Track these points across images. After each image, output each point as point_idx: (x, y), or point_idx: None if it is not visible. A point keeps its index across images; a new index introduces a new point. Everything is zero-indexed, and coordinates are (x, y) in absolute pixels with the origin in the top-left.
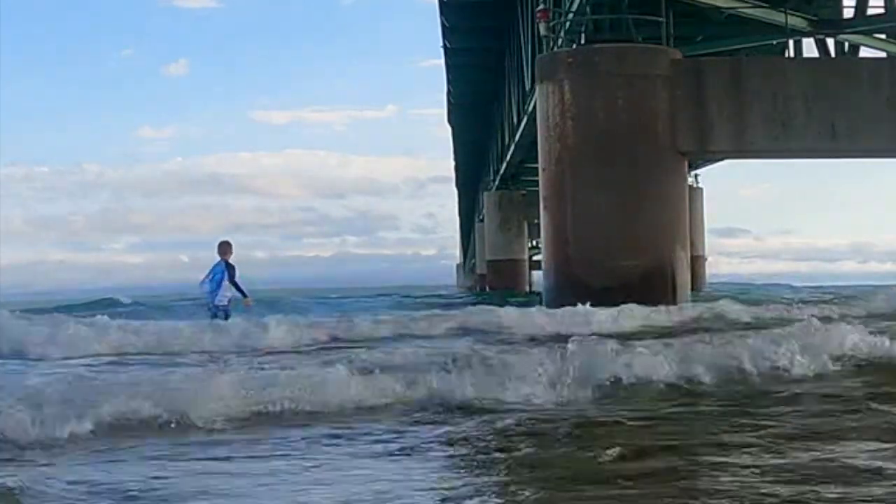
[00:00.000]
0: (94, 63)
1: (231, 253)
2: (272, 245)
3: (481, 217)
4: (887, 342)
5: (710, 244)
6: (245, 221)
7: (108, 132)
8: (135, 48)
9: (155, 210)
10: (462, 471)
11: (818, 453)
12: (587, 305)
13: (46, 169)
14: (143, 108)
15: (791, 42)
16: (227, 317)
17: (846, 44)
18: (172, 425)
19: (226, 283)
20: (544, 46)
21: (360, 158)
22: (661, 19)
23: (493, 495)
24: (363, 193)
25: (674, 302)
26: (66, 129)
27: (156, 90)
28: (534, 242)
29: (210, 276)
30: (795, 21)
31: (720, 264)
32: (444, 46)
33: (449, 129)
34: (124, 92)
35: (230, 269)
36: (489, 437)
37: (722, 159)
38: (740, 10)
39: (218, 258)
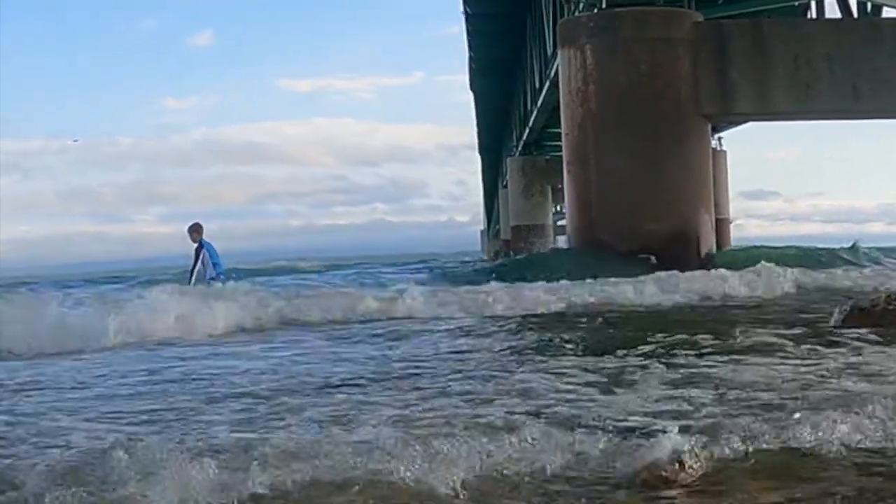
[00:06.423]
0: (119, 35)
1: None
2: (304, 214)
3: (505, 183)
4: None
5: (740, 207)
6: (276, 190)
7: (134, 104)
8: (159, 19)
9: (184, 180)
10: None
11: None
12: None
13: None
14: (166, 79)
15: (813, 2)
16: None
17: (869, 3)
18: None
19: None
20: (566, 11)
21: (387, 126)
22: None
23: None
24: (394, 161)
25: (698, 265)
26: (92, 102)
27: (180, 61)
28: (558, 207)
29: (211, 261)
30: None
31: (750, 227)
32: (465, 12)
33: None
34: (148, 63)
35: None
36: None
37: (745, 122)
38: None
39: (197, 241)
